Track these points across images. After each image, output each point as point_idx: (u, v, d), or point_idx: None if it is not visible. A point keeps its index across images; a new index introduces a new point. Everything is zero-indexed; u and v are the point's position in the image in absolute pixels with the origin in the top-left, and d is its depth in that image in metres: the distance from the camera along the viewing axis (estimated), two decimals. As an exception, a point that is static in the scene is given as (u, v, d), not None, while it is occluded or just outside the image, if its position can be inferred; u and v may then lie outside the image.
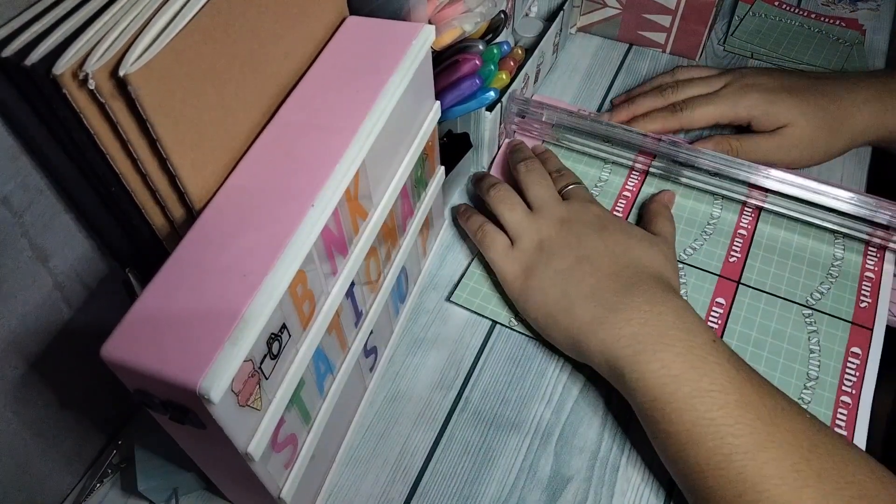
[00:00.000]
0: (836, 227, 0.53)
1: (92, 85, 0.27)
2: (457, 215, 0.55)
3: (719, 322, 0.49)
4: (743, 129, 0.59)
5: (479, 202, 0.57)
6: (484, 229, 0.51)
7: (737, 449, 0.36)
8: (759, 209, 0.56)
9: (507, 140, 0.61)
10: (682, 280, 0.52)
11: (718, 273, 0.52)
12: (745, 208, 0.56)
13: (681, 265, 0.52)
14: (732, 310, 0.50)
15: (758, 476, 0.36)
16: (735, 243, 0.54)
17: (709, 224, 0.55)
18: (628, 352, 0.41)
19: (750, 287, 0.51)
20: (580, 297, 0.44)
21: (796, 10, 0.74)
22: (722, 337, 0.48)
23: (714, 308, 0.50)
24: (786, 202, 0.53)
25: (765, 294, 0.51)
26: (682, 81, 0.61)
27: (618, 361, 0.41)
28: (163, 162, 0.32)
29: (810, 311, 0.50)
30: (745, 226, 0.55)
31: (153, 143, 0.31)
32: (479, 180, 0.55)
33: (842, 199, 0.51)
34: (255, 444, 0.31)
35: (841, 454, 0.36)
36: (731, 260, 0.53)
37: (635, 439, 0.45)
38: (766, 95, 0.57)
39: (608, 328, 0.42)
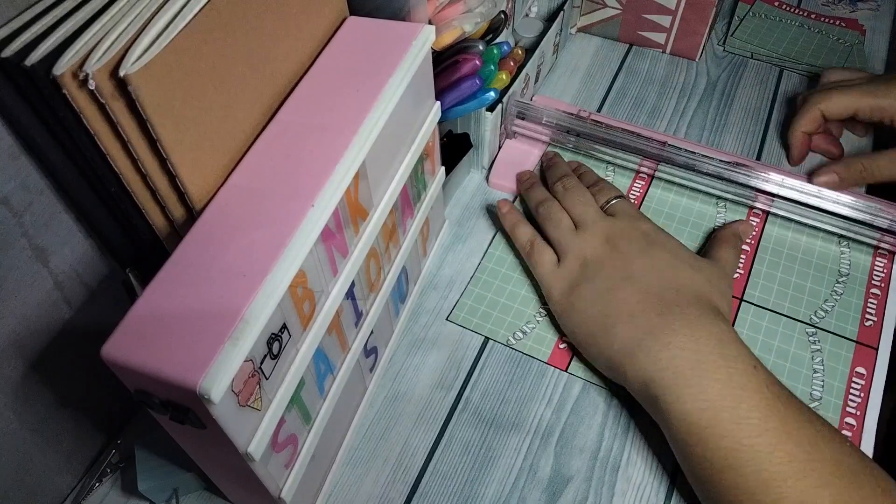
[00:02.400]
0: (842, 232, 0.52)
1: (92, 85, 0.27)
2: (499, 215, 0.54)
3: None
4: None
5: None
6: (533, 244, 0.50)
7: (775, 476, 0.36)
8: (766, 213, 0.55)
9: (543, 151, 0.60)
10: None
11: None
12: (752, 213, 0.55)
13: None
14: (735, 327, 0.48)
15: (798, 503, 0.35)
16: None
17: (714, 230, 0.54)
18: (666, 375, 0.40)
19: (753, 304, 0.50)
20: (621, 318, 0.43)
21: (796, 11, 0.74)
22: None
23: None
24: (791, 206, 0.53)
25: (768, 312, 0.50)
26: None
27: (655, 385, 0.40)
28: (163, 162, 0.32)
29: (814, 330, 0.49)
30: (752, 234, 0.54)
31: (153, 143, 0.31)
32: (527, 189, 0.55)
33: (847, 203, 0.51)
34: (256, 445, 0.31)
35: (882, 485, 0.36)
36: (734, 276, 0.51)
37: (635, 439, 0.45)
38: None
39: (646, 352, 0.41)
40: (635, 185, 0.58)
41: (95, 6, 0.31)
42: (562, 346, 0.49)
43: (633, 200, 0.57)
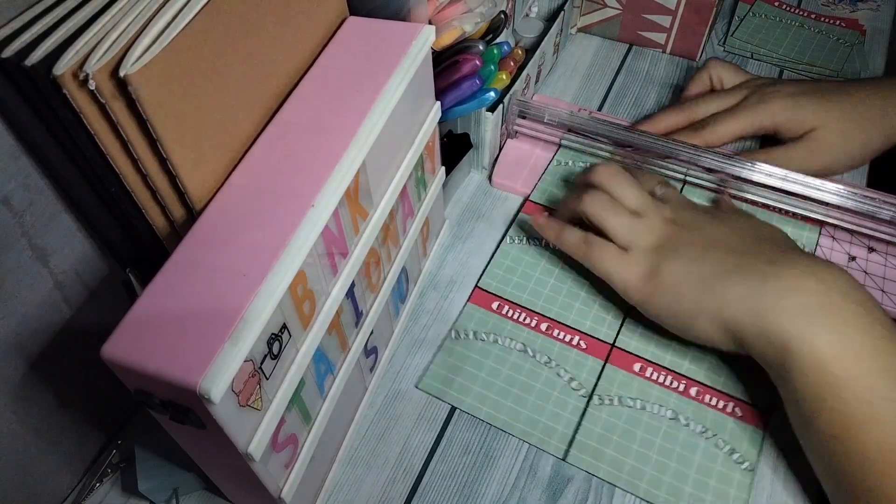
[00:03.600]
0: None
1: (92, 85, 0.27)
2: (537, 227, 0.51)
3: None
4: (768, 142, 0.58)
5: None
6: (589, 241, 0.47)
7: None
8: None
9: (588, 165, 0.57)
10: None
11: None
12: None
13: None
14: None
15: None
16: None
17: None
18: (798, 322, 0.37)
19: None
20: (725, 275, 0.41)
21: (796, 11, 0.74)
22: None
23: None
24: (780, 197, 0.53)
25: None
26: (701, 98, 0.59)
27: (785, 334, 0.37)
28: (163, 162, 0.32)
29: None
30: None
31: (153, 143, 0.31)
32: (565, 201, 0.51)
33: (835, 192, 0.51)
34: (256, 445, 0.31)
35: None
36: None
37: (635, 439, 0.45)
38: (788, 100, 0.54)
39: (768, 298, 0.38)
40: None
41: (95, 6, 0.31)
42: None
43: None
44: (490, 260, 0.53)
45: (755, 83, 0.58)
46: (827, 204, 0.52)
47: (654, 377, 0.47)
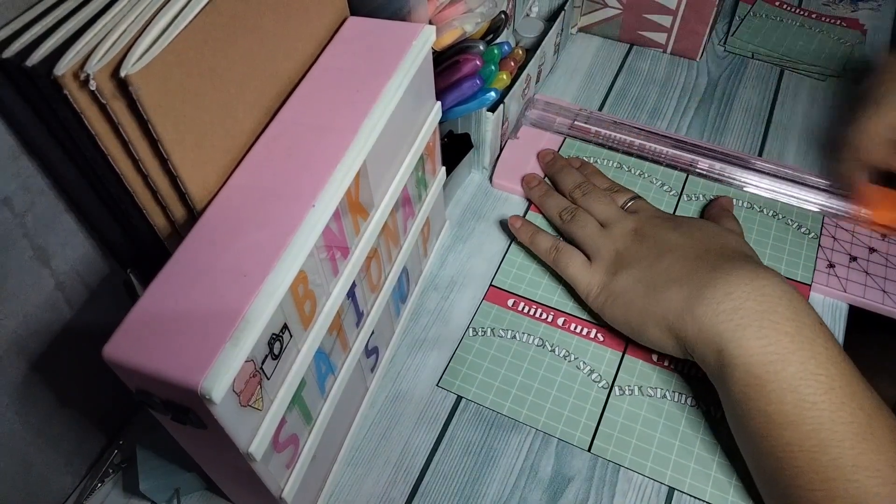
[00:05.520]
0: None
1: (93, 86, 0.27)
2: (514, 231, 0.54)
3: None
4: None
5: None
6: (558, 247, 0.51)
7: (834, 436, 0.36)
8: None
9: (541, 150, 0.59)
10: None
11: None
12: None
13: None
14: None
15: (852, 465, 0.35)
16: None
17: None
18: (730, 326, 0.39)
19: None
20: (670, 282, 0.43)
21: (797, 10, 0.74)
22: None
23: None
24: (779, 186, 0.54)
25: None
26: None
27: (718, 337, 0.39)
28: (164, 162, 0.32)
29: None
30: None
31: (154, 144, 0.31)
32: (542, 197, 0.55)
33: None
34: (257, 445, 0.31)
35: None
36: None
37: (636, 439, 0.45)
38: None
39: (706, 303, 0.40)
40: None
41: (96, 7, 0.31)
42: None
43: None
44: (503, 258, 0.54)
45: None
46: (824, 190, 0.52)
47: (673, 366, 0.47)
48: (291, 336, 0.33)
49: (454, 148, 0.56)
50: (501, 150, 0.60)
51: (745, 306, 0.39)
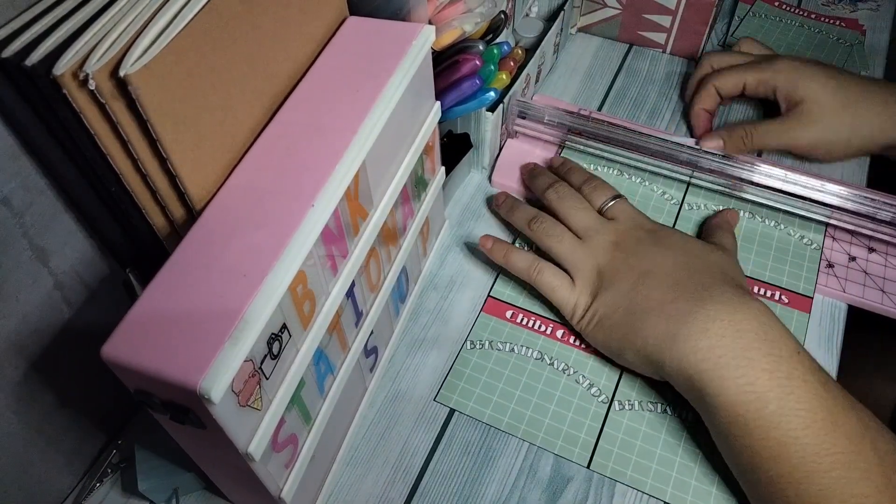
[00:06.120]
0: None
1: (92, 85, 0.27)
2: (486, 252, 0.51)
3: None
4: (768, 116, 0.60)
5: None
6: (537, 268, 0.48)
7: (820, 467, 0.36)
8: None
9: (525, 164, 0.58)
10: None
11: None
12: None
13: None
14: None
15: (841, 494, 0.35)
16: None
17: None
18: (708, 366, 0.39)
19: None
20: (649, 313, 0.42)
21: (796, 11, 0.74)
22: None
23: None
24: (781, 197, 0.53)
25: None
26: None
27: (697, 377, 0.39)
28: (163, 162, 0.32)
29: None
30: None
31: (153, 144, 0.31)
32: (509, 210, 0.53)
33: (835, 193, 0.51)
34: (256, 445, 0.31)
35: None
36: None
37: (635, 439, 0.45)
38: (795, 63, 0.57)
39: (682, 342, 0.40)
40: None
41: (95, 6, 0.31)
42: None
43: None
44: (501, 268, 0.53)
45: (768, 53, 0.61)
46: (827, 205, 0.52)
47: None
48: (290, 336, 0.33)
49: (453, 147, 0.56)
50: (501, 149, 0.60)
51: (722, 344, 0.39)
